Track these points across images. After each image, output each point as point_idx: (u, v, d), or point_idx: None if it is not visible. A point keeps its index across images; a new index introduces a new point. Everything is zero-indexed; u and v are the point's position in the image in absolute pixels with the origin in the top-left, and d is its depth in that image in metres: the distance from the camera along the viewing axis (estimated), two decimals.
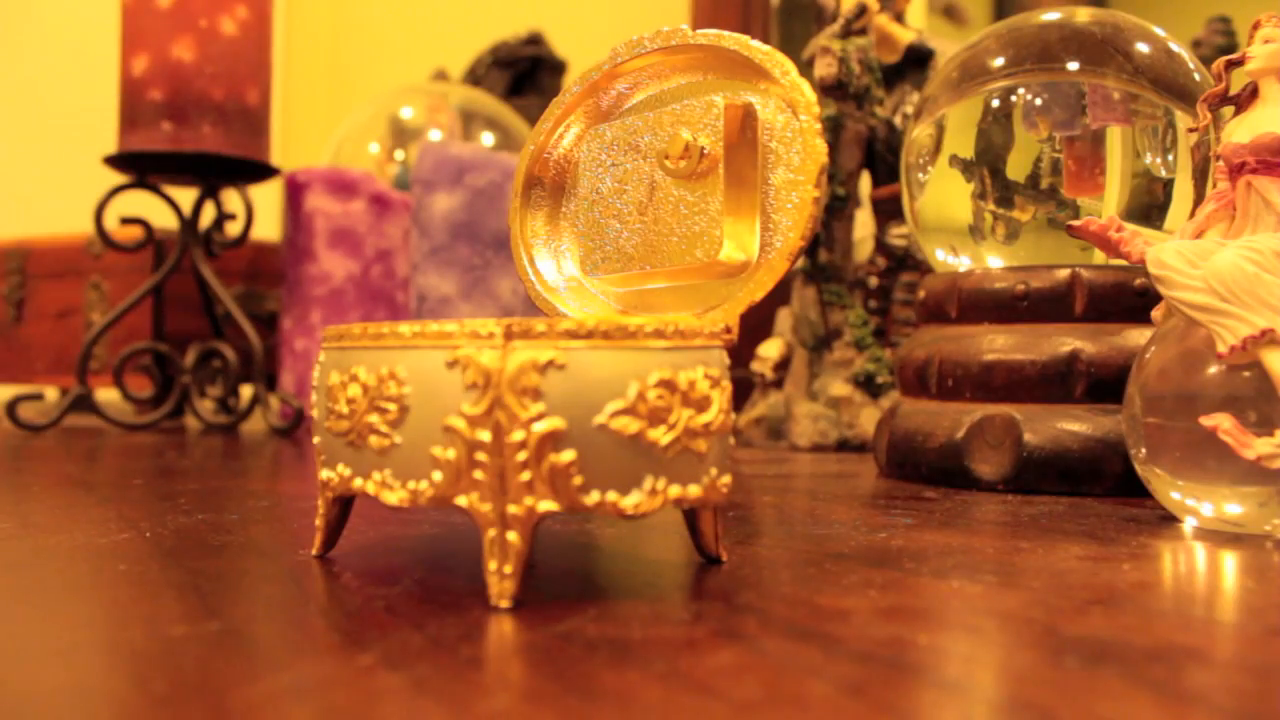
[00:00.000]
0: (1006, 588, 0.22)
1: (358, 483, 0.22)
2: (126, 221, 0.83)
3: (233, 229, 0.86)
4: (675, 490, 0.21)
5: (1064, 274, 0.42)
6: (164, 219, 0.87)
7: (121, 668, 0.16)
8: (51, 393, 1.12)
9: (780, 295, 0.78)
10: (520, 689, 0.15)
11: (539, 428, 0.19)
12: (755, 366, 0.72)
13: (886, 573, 0.23)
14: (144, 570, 0.23)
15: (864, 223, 0.74)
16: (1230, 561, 0.26)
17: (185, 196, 0.84)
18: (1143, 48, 0.44)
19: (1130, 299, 0.41)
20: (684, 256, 0.26)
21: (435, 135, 1.09)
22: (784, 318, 0.76)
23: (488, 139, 1.02)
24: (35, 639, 0.17)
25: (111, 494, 0.38)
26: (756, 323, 0.77)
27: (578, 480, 0.20)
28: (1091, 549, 0.27)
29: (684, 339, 0.21)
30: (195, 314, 0.91)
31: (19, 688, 0.15)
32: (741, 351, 0.74)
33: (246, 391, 0.92)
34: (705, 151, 0.25)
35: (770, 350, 0.72)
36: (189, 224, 0.82)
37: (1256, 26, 0.33)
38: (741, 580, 0.23)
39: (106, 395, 0.91)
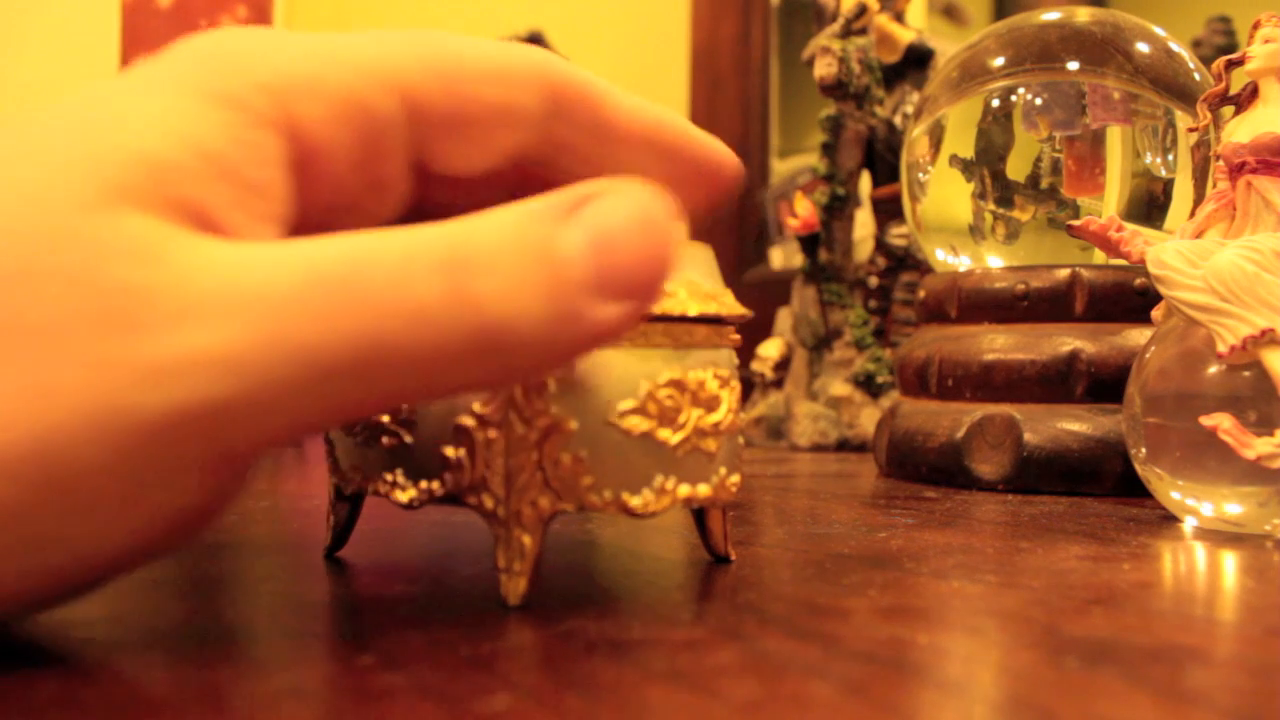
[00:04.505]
0: (1006, 588, 0.22)
1: (368, 482, 0.22)
2: None
3: None
4: (685, 490, 0.21)
5: (1064, 274, 0.42)
6: None
7: (121, 669, 0.16)
8: None
9: (780, 295, 0.78)
10: (520, 689, 0.15)
11: (549, 427, 0.19)
12: (755, 366, 0.72)
13: (886, 572, 0.23)
14: (144, 570, 0.23)
15: (864, 223, 0.74)
16: (1230, 561, 0.26)
17: None
18: (1143, 48, 0.44)
19: (1130, 299, 0.41)
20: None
21: None
22: (784, 317, 0.76)
23: None
24: (34, 640, 0.17)
25: None
26: (757, 323, 0.77)
27: (587, 480, 0.20)
28: (1091, 549, 0.27)
29: (693, 339, 0.21)
30: None
31: (18, 689, 0.15)
32: (741, 351, 0.74)
33: None
34: None
35: (770, 350, 0.72)
36: None
37: (1256, 26, 0.33)
38: (742, 580, 0.23)
39: None
